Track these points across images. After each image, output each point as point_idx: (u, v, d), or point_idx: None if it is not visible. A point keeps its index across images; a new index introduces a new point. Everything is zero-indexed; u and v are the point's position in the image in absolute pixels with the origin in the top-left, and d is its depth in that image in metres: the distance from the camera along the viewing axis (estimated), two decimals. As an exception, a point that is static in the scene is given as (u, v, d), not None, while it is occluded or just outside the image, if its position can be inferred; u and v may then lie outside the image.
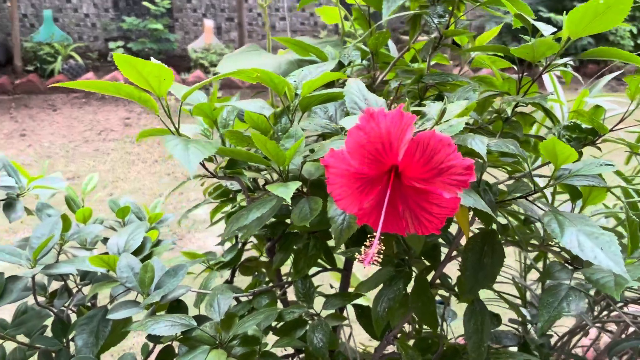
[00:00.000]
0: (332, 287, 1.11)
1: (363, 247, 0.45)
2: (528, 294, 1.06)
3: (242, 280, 1.20)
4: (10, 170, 0.95)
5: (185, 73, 4.60)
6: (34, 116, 3.95)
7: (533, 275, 1.11)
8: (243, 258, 1.05)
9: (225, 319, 0.77)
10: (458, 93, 0.68)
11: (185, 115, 0.95)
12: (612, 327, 1.13)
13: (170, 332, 0.71)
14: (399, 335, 0.98)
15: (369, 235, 0.46)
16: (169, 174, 3.12)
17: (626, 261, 0.58)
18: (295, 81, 0.76)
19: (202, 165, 0.63)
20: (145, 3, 4.59)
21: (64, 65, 4.43)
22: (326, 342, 0.76)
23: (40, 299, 0.99)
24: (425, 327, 0.98)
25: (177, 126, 0.59)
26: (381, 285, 0.77)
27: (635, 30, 5.02)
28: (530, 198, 0.69)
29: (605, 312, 1.00)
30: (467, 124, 0.80)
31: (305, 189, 0.61)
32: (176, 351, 0.84)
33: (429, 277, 0.80)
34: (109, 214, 1.15)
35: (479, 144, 0.55)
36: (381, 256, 0.45)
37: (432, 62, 1.05)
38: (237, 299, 0.91)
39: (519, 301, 1.06)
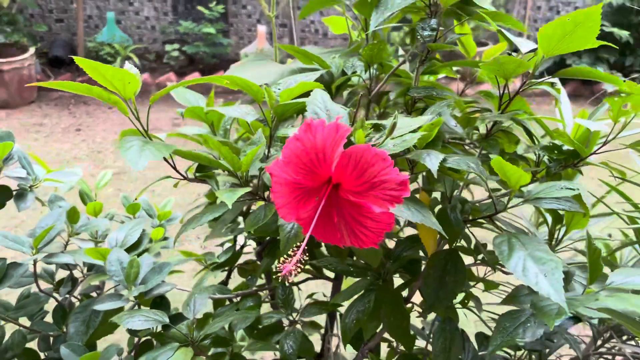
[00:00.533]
0: (325, 295, 1.11)
1: (285, 256, 0.45)
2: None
3: (239, 282, 1.22)
4: (25, 162, 1.01)
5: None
6: (91, 113, 4.16)
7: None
8: (243, 260, 1.07)
9: (200, 318, 0.79)
10: (433, 107, 0.67)
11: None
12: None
13: (143, 327, 0.74)
14: (387, 349, 0.97)
15: (294, 245, 0.47)
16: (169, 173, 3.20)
17: (585, 291, 0.55)
18: (279, 89, 0.77)
19: (173, 166, 0.65)
20: (200, 8, 4.74)
21: (123, 66, 4.62)
22: (296, 350, 0.76)
23: (48, 286, 1.05)
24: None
25: (145, 127, 0.62)
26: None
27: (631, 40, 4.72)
28: (507, 218, 0.67)
29: (609, 345, 0.95)
30: (456, 138, 0.79)
31: (266, 196, 0.62)
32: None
33: (407, 293, 0.79)
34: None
35: (433, 159, 0.54)
36: (303, 267, 0.46)
37: (441, 75, 1.04)
38: (230, 299, 0.93)
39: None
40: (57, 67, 4.84)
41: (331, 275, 0.99)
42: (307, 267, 0.93)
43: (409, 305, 0.78)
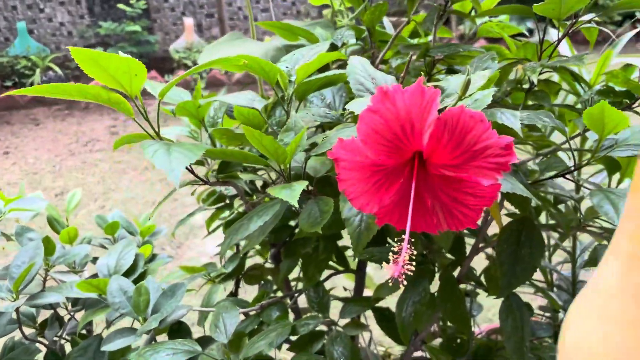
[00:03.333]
0: (345, 289, 1.03)
1: (390, 253, 0.37)
2: (555, 276, 0.98)
3: (248, 291, 1.12)
4: (-22, 195, 0.86)
5: (168, 75, 4.48)
6: (17, 132, 3.84)
7: (558, 257, 1.03)
8: (247, 266, 0.97)
9: (233, 339, 0.69)
10: (475, 63, 0.59)
11: (171, 117, 0.87)
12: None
13: (173, 362, 0.63)
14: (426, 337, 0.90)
15: (396, 239, 0.38)
16: (162, 179, 3.03)
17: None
18: (287, 67, 0.67)
19: (191, 170, 0.54)
20: (120, 6, 4.46)
21: (43, 78, 4.30)
22: (348, 355, 0.68)
23: (30, 330, 0.91)
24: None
25: (157, 129, 0.51)
26: (402, 288, 0.69)
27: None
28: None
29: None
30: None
31: (311, 189, 0.53)
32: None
33: (456, 273, 0.73)
34: (99, 229, 1.07)
35: (511, 118, 0.47)
36: (414, 263, 0.37)
37: (430, 37, 0.97)
38: (245, 313, 0.83)
39: (544, 285, 0.99)
40: (-31, 89, 4.44)
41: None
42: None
43: (461, 286, 0.72)
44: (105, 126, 3.80)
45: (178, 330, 0.74)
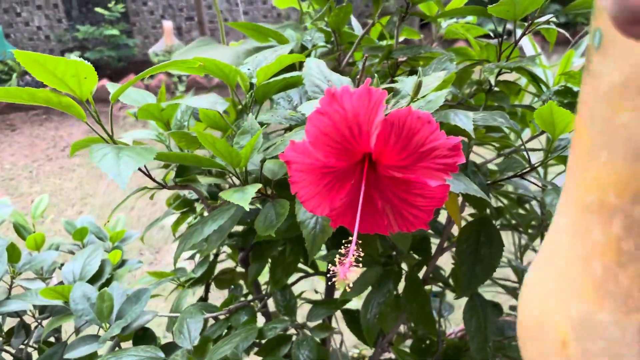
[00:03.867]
0: (316, 292, 1.03)
1: (337, 255, 0.37)
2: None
3: (219, 295, 1.11)
4: (-59, 202, 0.84)
5: (148, 78, 4.44)
6: (-7, 138, 3.78)
7: (529, 256, 1.04)
8: (218, 270, 0.96)
9: (198, 345, 0.69)
10: (433, 65, 0.60)
11: (142, 121, 0.86)
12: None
13: (135, 369, 0.63)
14: (394, 338, 0.90)
15: (344, 241, 0.38)
16: (140, 184, 3.00)
17: None
18: (249, 69, 0.67)
19: (147, 174, 0.54)
20: (98, 9, 4.41)
21: (20, 82, 4.24)
22: (314, 359, 0.68)
23: (-5, 339, 0.89)
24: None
25: (111, 132, 0.50)
26: (369, 289, 0.69)
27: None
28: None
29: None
30: (445, 100, 0.72)
31: (270, 191, 0.53)
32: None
33: (421, 274, 0.73)
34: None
35: (464, 119, 0.47)
36: (360, 264, 0.37)
37: (401, 38, 0.97)
38: (215, 317, 0.83)
39: (516, 285, 1.00)
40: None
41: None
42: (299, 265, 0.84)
43: (426, 287, 0.72)
44: (82, 131, 3.76)
45: (143, 336, 0.73)
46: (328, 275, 0.88)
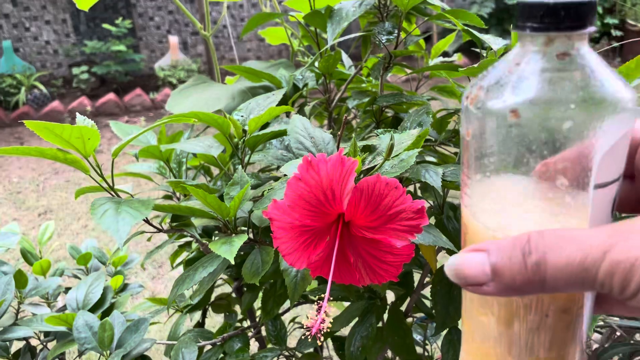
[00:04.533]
0: (308, 317, 1.07)
1: (310, 312, 0.41)
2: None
3: (215, 320, 1.16)
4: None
5: (154, 92, 4.52)
6: (1, 151, 3.84)
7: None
8: (215, 294, 1.01)
9: (192, 373, 0.73)
10: (412, 117, 0.64)
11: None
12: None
13: (132, 397, 0.67)
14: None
15: (316, 297, 0.42)
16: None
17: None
18: (242, 116, 0.72)
19: (146, 220, 0.58)
20: (105, 26, 4.50)
21: (28, 96, 4.33)
22: (301, 387, 0.72)
23: (2, 362, 0.94)
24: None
25: (111, 183, 0.55)
26: (355, 321, 0.73)
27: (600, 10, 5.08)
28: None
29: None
30: (427, 140, 0.77)
31: (256, 237, 0.57)
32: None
33: (405, 306, 0.77)
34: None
35: (434, 176, 0.52)
36: (331, 319, 0.41)
37: (390, 74, 1.02)
38: (213, 343, 0.87)
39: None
40: (-46, 107, 4.45)
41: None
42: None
43: (409, 320, 0.76)
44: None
45: (141, 363, 0.77)
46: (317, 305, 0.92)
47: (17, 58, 4.55)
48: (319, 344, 0.41)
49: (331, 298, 0.75)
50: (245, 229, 0.58)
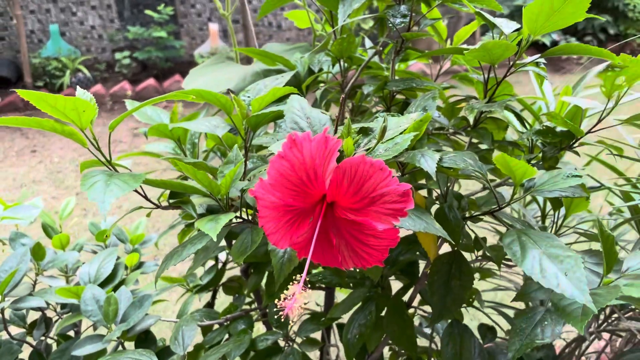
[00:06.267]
0: (318, 305, 1.07)
1: (285, 289, 0.40)
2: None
3: (226, 301, 1.17)
4: (-23, 202, 0.93)
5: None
6: (45, 132, 3.98)
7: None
8: (227, 277, 1.01)
9: (191, 352, 0.74)
10: (417, 101, 0.62)
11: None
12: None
13: (131, 370, 0.68)
14: (389, 352, 0.93)
15: (294, 277, 0.42)
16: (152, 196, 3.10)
17: (603, 281, 0.52)
18: (249, 97, 0.71)
19: (144, 195, 0.59)
20: (148, 12, 4.58)
21: (72, 79, 4.46)
22: (298, 372, 0.71)
23: (20, 330, 0.97)
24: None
25: (108, 157, 0.55)
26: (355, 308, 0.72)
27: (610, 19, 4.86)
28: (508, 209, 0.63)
29: (611, 319, 0.93)
30: (440, 128, 0.75)
31: (250, 217, 0.57)
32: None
33: (408, 296, 0.76)
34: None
35: (429, 161, 0.50)
36: (305, 301, 0.41)
37: (413, 61, 1.00)
38: (220, 323, 0.88)
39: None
40: (4, 88, 4.63)
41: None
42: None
43: (411, 310, 0.74)
44: (128, 127, 3.92)
45: (145, 339, 0.78)
46: (328, 289, 0.91)
47: (64, 42, 4.69)
48: (290, 324, 0.40)
49: (323, 284, 0.74)
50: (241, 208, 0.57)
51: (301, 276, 0.43)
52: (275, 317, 0.80)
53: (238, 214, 0.56)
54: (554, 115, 0.60)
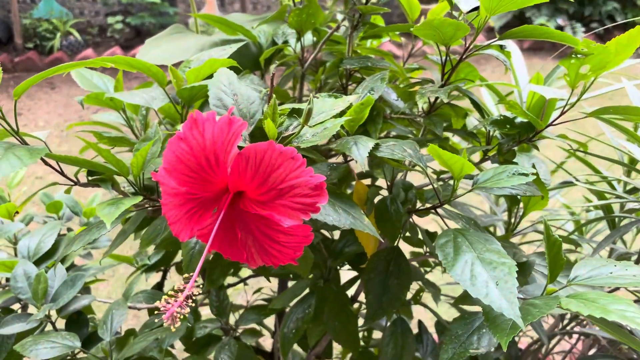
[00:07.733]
0: (273, 291, 1.02)
1: (168, 295, 0.36)
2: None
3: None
4: None
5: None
6: (32, 95, 3.91)
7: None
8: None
9: (121, 337, 0.70)
10: (366, 82, 0.57)
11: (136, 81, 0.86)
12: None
13: (50, 355, 0.64)
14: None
15: (184, 275, 0.37)
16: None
17: (546, 290, 0.48)
18: (189, 68, 0.66)
19: (60, 171, 0.54)
20: (142, -24, 4.46)
21: (63, 42, 4.35)
22: (232, 363, 0.67)
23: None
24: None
25: (16, 128, 0.50)
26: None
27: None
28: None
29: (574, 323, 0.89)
30: (403, 113, 0.70)
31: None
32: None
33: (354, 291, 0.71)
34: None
35: (361, 150, 0.45)
36: (192, 302, 0.36)
37: (386, 39, 0.94)
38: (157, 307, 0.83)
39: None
40: (-7, 48, 4.53)
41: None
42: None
43: (357, 305, 0.70)
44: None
45: (76, 321, 0.74)
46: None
47: (56, 3, 4.57)
48: (172, 330, 0.36)
49: (271, 275, 0.69)
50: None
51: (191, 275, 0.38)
52: (215, 304, 0.76)
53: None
54: (512, 104, 0.55)
